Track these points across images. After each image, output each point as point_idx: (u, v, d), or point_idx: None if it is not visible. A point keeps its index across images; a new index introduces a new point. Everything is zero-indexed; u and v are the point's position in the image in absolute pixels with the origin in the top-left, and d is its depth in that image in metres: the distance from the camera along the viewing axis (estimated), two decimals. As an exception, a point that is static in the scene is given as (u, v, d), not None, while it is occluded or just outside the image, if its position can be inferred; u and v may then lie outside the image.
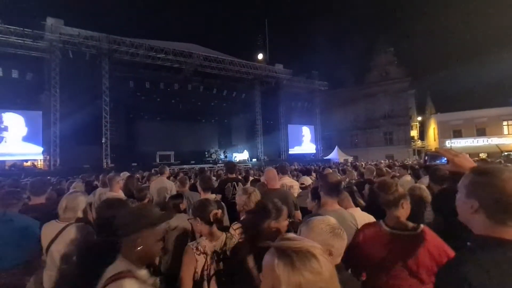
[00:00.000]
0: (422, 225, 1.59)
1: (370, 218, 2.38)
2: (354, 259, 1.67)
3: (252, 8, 61.85)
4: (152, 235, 1.25)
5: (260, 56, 28.03)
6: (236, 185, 3.65)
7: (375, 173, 4.36)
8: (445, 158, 1.22)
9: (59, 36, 14.84)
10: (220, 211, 1.75)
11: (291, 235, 0.81)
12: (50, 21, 14.84)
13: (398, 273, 1.51)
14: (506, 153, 19.59)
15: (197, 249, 1.66)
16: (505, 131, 27.20)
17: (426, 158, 1.33)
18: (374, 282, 1.60)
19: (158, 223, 1.29)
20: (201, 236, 1.80)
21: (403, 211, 1.65)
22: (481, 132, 27.84)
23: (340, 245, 1.16)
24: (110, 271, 1.17)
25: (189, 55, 18.55)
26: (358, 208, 2.51)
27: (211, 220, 1.72)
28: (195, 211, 1.79)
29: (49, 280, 1.96)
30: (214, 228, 1.74)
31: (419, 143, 34.46)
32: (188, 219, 1.88)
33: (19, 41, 14.21)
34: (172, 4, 56.03)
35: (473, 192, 0.87)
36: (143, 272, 1.24)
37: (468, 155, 1.20)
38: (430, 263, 1.44)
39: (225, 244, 1.73)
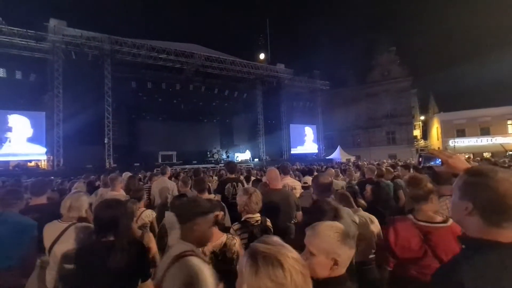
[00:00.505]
0: (451, 219, 1.64)
1: (372, 218, 2.36)
2: (383, 251, 1.75)
3: (253, 8, 61.87)
4: (205, 222, 1.44)
5: (262, 56, 28.08)
6: (236, 186, 3.64)
7: (376, 172, 4.35)
8: (440, 159, 1.21)
9: (61, 37, 14.93)
10: (221, 213, 1.75)
11: (272, 238, 0.77)
12: (53, 22, 14.94)
13: (429, 263, 1.56)
14: (510, 153, 19.41)
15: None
16: (510, 130, 26.94)
17: (421, 159, 1.32)
18: (403, 272, 1.65)
19: (209, 212, 1.48)
20: None
21: (432, 205, 1.72)
22: (485, 132, 27.60)
23: (347, 254, 1.11)
24: (175, 250, 1.35)
25: (191, 55, 18.58)
26: (360, 209, 2.49)
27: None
28: None
29: (52, 280, 1.97)
30: (215, 229, 1.74)
31: (422, 142, 34.27)
32: None
33: (23, 42, 14.31)
34: (173, 5, 56.20)
35: (467, 193, 0.86)
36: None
37: (463, 156, 1.19)
38: None
39: (225, 245, 1.73)
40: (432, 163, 1.25)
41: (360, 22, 59.40)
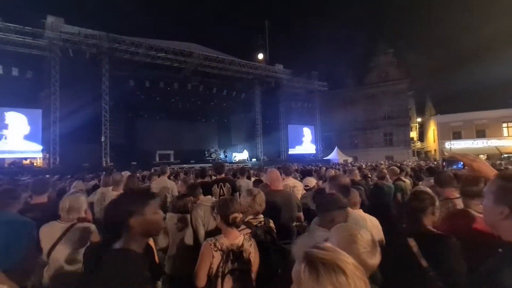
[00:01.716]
0: None
1: (372, 219, 2.37)
2: None
3: (252, 8, 61.88)
4: (341, 216, 1.64)
5: (260, 56, 28.02)
6: (223, 186, 3.63)
7: (355, 171, 4.28)
8: (462, 163, 1.21)
9: (59, 35, 14.80)
10: (241, 215, 1.79)
11: (326, 244, 0.76)
12: (50, 19, 14.81)
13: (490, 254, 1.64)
14: (505, 155, 19.63)
15: (214, 245, 1.71)
16: (505, 133, 27.25)
17: (444, 163, 1.33)
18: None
19: (346, 207, 1.70)
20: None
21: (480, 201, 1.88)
22: (480, 134, 27.88)
23: (373, 264, 1.08)
24: (318, 237, 1.50)
25: (189, 54, 18.53)
26: (361, 210, 2.50)
27: (230, 222, 1.76)
28: (219, 209, 1.84)
29: (51, 281, 1.92)
30: (233, 229, 1.78)
31: (418, 144, 34.52)
32: (212, 213, 2.07)
33: (19, 39, 14.16)
34: (172, 4, 55.97)
35: (502, 198, 0.87)
36: None
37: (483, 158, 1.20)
38: None
39: (242, 245, 1.76)
40: (455, 166, 1.27)
41: (358, 23, 59.67)
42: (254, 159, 22.50)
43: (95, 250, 1.67)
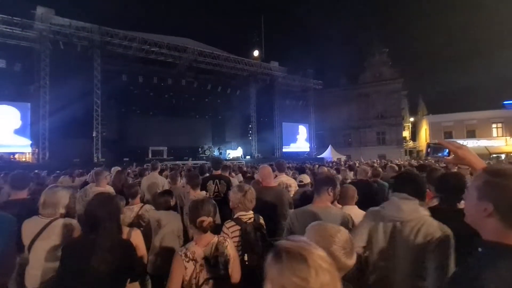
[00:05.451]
0: None
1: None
2: None
3: (248, 4, 61.50)
4: None
5: (256, 53, 27.88)
6: (218, 183, 3.56)
7: (370, 173, 4.32)
8: (447, 150, 1.17)
9: (49, 26, 14.40)
10: (210, 219, 1.67)
11: (297, 237, 0.77)
12: (40, 10, 14.38)
13: None
14: (494, 155, 20.03)
15: (185, 255, 1.59)
16: (494, 134, 27.80)
17: (429, 150, 1.30)
18: None
19: None
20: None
21: None
22: (471, 134, 28.36)
23: (350, 264, 1.03)
24: None
25: (184, 49, 18.28)
26: (356, 206, 2.49)
27: (197, 226, 1.65)
28: (189, 213, 1.73)
29: (32, 278, 1.86)
30: (204, 233, 1.66)
31: (411, 143, 34.95)
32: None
33: (7, 30, 13.74)
34: (168, -2, 55.15)
35: (487, 194, 0.81)
36: None
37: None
38: None
39: (216, 249, 1.64)
40: (440, 154, 1.24)
41: (354, 23, 59.94)
42: (248, 157, 22.44)
43: (73, 245, 1.60)
